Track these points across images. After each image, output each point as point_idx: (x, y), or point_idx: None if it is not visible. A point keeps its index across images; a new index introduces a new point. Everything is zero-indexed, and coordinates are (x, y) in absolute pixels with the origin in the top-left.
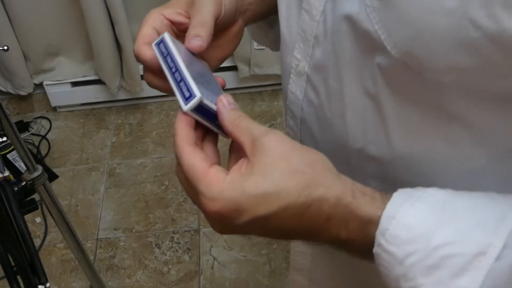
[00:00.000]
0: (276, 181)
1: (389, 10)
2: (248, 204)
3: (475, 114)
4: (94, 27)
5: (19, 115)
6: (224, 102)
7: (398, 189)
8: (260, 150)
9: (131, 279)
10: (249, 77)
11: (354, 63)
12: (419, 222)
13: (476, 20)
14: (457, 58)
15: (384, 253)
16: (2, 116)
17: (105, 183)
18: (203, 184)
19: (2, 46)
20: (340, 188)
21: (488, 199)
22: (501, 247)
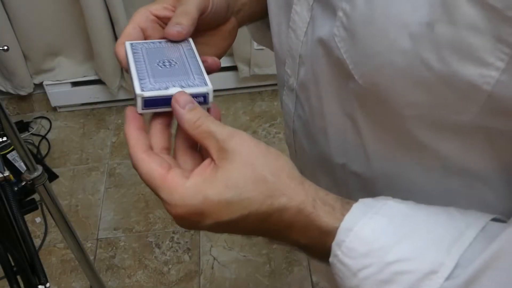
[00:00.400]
0: (240, 190)
1: (354, 42)
2: (210, 210)
3: (440, 144)
4: (94, 27)
5: (19, 115)
6: (180, 103)
7: (359, 200)
8: (225, 157)
9: (131, 279)
10: (249, 77)
11: (332, 85)
12: (376, 236)
13: (427, 62)
14: (413, 95)
15: (339, 264)
16: (2, 116)
17: (105, 183)
18: (163, 191)
19: (2, 46)
20: (302, 198)
21: (446, 216)
22: (452, 267)
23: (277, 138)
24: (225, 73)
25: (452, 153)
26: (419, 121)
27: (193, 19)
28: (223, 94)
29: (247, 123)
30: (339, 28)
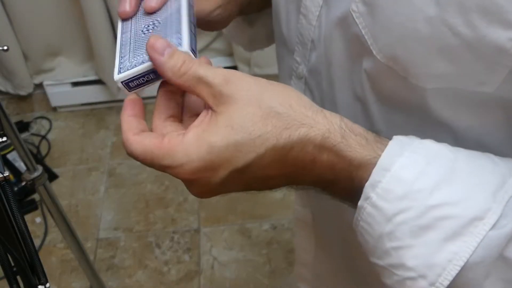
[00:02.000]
0: (249, 129)
1: (374, 15)
2: (220, 158)
3: (458, 120)
4: (94, 27)
5: (19, 115)
6: (157, 49)
7: (393, 136)
8: (224, 101)
9: (131, 279)
10: None
11: (345, 68)
12: (416, 177)
13: (454, 27)
14: (438, 65)
15: (371, 207)
16: (2, 116)
17: (105, 183)
18: (163, 157)
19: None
20: (326, 126)
21: (488, 161)
22: (499, 214)
23: None
24: None
25: (468, 128)
26: (439, 96)
27: None
28: None
29: None
30: (358, 3)
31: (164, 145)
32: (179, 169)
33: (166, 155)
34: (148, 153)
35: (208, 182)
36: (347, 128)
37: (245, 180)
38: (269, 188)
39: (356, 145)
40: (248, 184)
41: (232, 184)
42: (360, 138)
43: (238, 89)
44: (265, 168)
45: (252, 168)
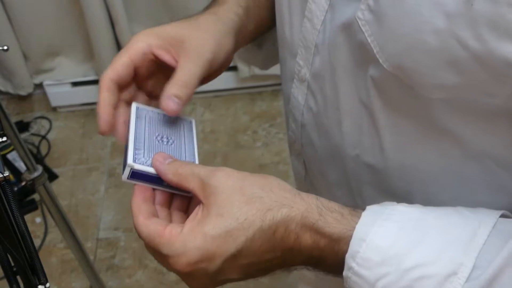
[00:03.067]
0: (236, 215)
1: (380, 24)
2: (214, 246)
3: (464, 129)
4: (94, 27)
5: (19, 115)
6: (160, 159)
7: (366, 207)
8: (211, 191)
9: (131, 279)
10: (249, 77)
11: (349, 73)
12: (391, 243)
13: (463, 40)
14: (444, 76)
15: (354, 276)
16: (2, 116)
17: (105, 183)
18: (163, 245)
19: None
20: (304, 206)
21: (458, 216)
22: (471, 267)
23: (277, 138)
24: (225, 73)
25: (475, 138)
26: (445, 105)
27: (191, 90)
28: (223, 94)
29: (247, 123)
30: (364, 11)
31: (164, 234)
32: (177, 259)
33: (166, 244)
34: (150, 238)
35: (206, 273)
36: (323, 207)
37: (241, 267)
38: (266, 273)
39: (333, 221)
40: (245, 272)
41: (230, 272)
42: (336, 214)
43: (223, 181)
44: (256, 252)
45: (244, 252)
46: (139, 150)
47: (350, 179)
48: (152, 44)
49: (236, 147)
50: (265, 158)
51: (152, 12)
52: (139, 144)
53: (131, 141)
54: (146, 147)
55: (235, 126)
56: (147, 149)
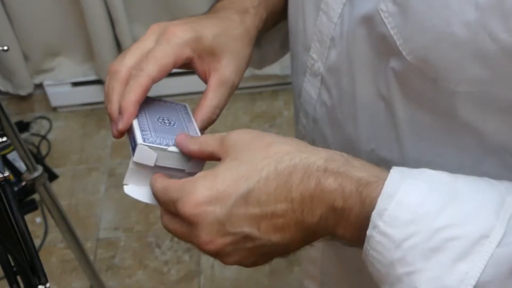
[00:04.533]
0: (251, 159)
1: (405, 16)
2: (224, 185)
3: (486, 123)
4: (94, 27)
5: (19, 115)
6: (183, 136)
7: (393, 167)
8: (230, 144)
9: (131, 279)
10: (249, 77)
11: (368, 66)
12: (421, 201)
13: (494, 33)
14: (472, 69)
15: (379, 235)
16: (2, 116)
17: (105, 183)
18: (174, 190)
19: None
20: (328, 153)
21: (486, 182)
22: (503, 231)
23: None
24: None
25: (496, 132)
26: (468, 99)
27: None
28: None
29: (247, 123)
30: (387, 3)
31: (178, 182)
32: (185, 199)
33: (177, 189)
34: (164, 189)
35: (216, 217)
36: (349, 156)
37: (252, 216)
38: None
39: (361, 166)
40: (258, 224)
41: (240, 222)
42: (363, 162)
43: (242, 134)
44: (269, 198)
45: (255, 195)
46: (145, 132)
47: None
48: (196, 52)
49: None
50: None
51: (152, 12)
52: (144, 127)
53: (136, 125)
54: (151, 129)
55: (235, 126)
56: (153, 130)
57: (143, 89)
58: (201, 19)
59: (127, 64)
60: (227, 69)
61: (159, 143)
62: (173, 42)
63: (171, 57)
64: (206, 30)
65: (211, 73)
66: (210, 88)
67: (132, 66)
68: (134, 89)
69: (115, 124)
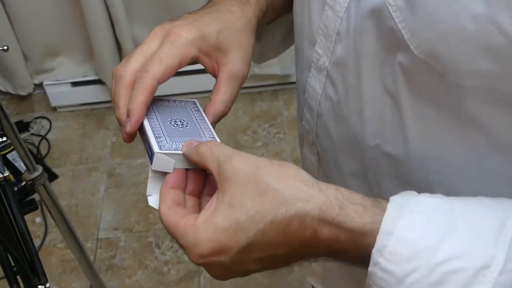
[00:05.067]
0: (247, 207)
1: (414, 10)
2: (224, 238)
3: (493, 118)
4: (94, 27)
5: (19, 115)
6: (188, 146)
7: (389, 198)
8: (226, 178)
9: (131, 279)
10: (249, 77)
11: (375, 60)
12: (419, 236)
13: (503, 26)
14: (480, 63)
15: (381, 272)
16: (2, 116)
17: (105, 183)
18: (180, 236)
19: (2, 46)
20: (323, 199)
21: (483, 207)
22: (504, 259)
23: (277, 138)
24: None
25: (502, 128)
26: (476, 94)
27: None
28: None
29: (247, 123)
30: None
31: (180, 225)
32: (191, 250)
33: (181, 235)
34: (170, 229)
35: (222, 265)
36: (344, 199)
37: (257, 260)
38: (286, 264)
39: (355, 215)
40: (263, 263)
41: (247, 264)
42: (358, 207)
43: (238, 167)
44: (270, 245)
45: (257, 245)
46: (160, 138)
47: (368, 169)
48: (202, 50)
49: (236, 147)
50: None
51: (152, 12)
52: (158, 133)
53: (149, 131)
54: (165, 134)
55: (235, 126)
56: (167, 135)
57: (149, 90)
58: (203, 15)
59: (131, 68)
60: (236, 63)
61: (175, 148)
62: (178, 43)
63: (176, 57)
64: (210, 27)
65: (220, 68)
66: (221, 82)
67: (137, 69)
68: (140, 92)
69: (123, 128)
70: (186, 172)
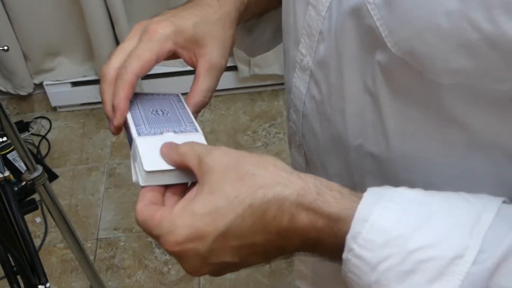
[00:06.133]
0: (226, 193)
1: (391, 8)
2: (202, 224)
3: (473, 117)
4: (94, 27)
5: (19, 115)
6: (166, 145)
7: (367, 188)
8: (206, 170)
9: (131, 279)
10: (249, 77)
11: (356, 59)
12: (394, 224)
13: (475, 22)
14: (456, 60)
15: (355, 258)
16: (2, 116)
17: (105, 183)
18: (154, 227)
19: (2, 46)
20: (301, 185)
21: (461, 200)
22: (477, 250)
23: (277, 138)
24: (225, 73)
25: (482, 127)
26: (455, 92)
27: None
28: (223, 94)
29: (247, 123)
30: None
31: (156, 216)
32: (166, 238)
33: (157, 225)
34: (145, 223)
35: (197, 253)
36: (322, 185)
37: (234, 248)
38: (263, 259)
39: (332, 200)
40: (239, 254)
41: (222, 254)
42: (335, 193)
43: (217, 159)
44: (248, 232)
45: (234, 231)
46: (139, 126)
47: (352, 169)
48: (178, 44)
49: (236, 147)
50: None
51: (152, 12)
52: (139, 121)
53: (131, 121)
54: (145, 122)
55: (235, 126)
56: (147, 123)
57: (130, 85)
58: (181, 10)
59: (113, 65)
60: (213, 54)
61: (154, 133)
62: (155, 38)
63: (153, 52)
64: (186, 21)
65: (198, 60)
66: (199, 73)
67: (118, 66)
68: (121, 87)
69: (111, 122)
70: None
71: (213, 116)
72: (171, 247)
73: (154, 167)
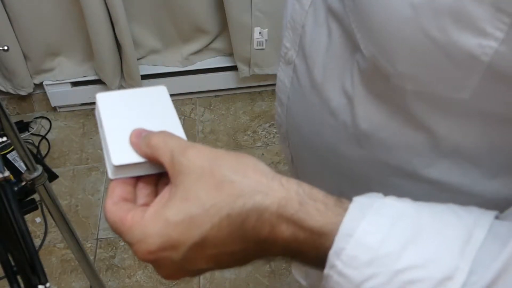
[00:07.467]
0: (202, 201)
1: (358, 12)
2: (176, 233)
3: (437, 124)
4: (94, 27)
5: (19, 115)
6: (136, 134)
7: (353, 198)
8: (180, 170)
9: (131, 279)
10: (249, 77)
11: (337, 57)
12: (381, 241)
13: (428, 31)
14: (413, 68)
15: (337, 275)
16: (2, 116)
17: (105, 183)
18: (125, 233)
19: (2, 46)
20: (282, 193)
21: (452, 215)
22: (467, 271)
23: (277, 138)
24: (225, 73)
25: (447, 133)
26: (419, 98)
27: None
28: (223, 94)
29: (247, 123)
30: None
31: (127, 220)
32: (137, 246)
33: (128, 231)
34: (114, 225)
35: (172, 262)
36: (305, 194)
37: (210, 257)
38: (242, 264)
39: (315, 213)
40: (216, 262)
41: (198, 262)
42: (319, 204)
43: (192, 159)
44: (225, 241)
45: (210, 241)
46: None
47: (328, 168)
48: None
49: (236, 147)
50: (265, 158)
51: (152, 12)
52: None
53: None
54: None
55: (235, 126)
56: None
57: None
58: None
59: None
60: None
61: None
62: None
63: None
64: None
65: None
66: None
67: None
68: None
69: None
70: None
71: (213, 116)
72: (143, 255)
73: (123, 160)
